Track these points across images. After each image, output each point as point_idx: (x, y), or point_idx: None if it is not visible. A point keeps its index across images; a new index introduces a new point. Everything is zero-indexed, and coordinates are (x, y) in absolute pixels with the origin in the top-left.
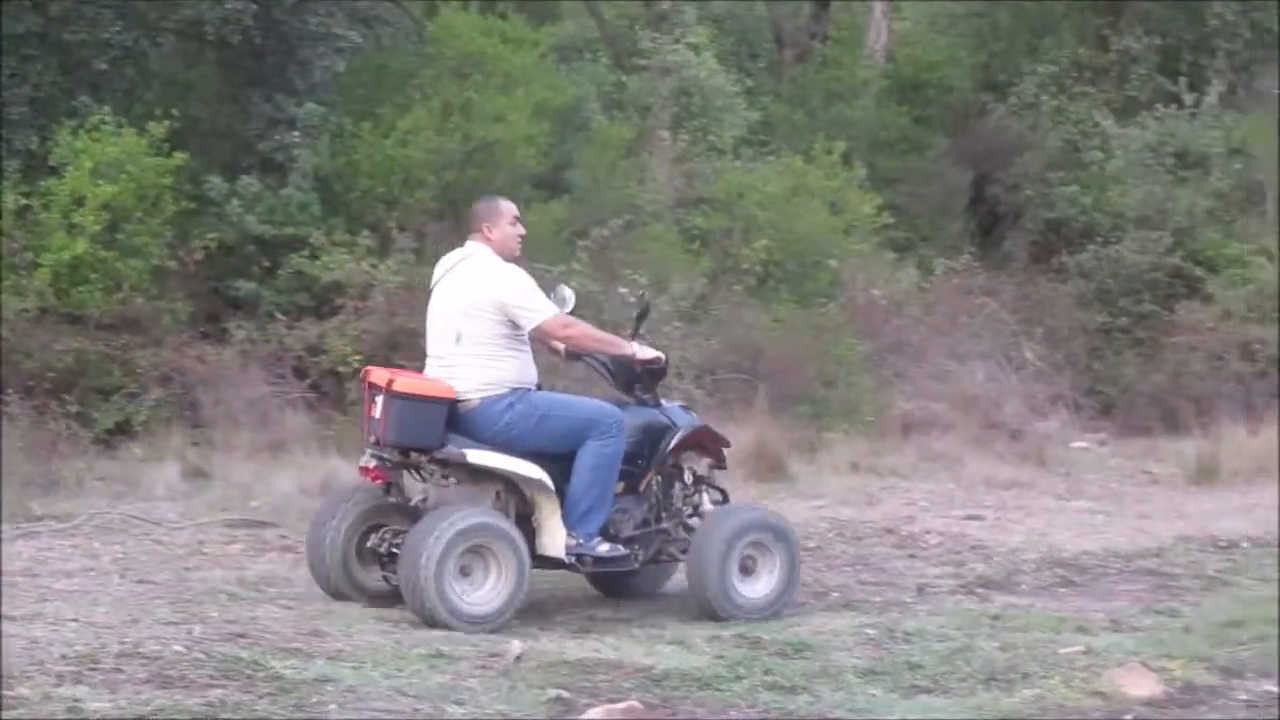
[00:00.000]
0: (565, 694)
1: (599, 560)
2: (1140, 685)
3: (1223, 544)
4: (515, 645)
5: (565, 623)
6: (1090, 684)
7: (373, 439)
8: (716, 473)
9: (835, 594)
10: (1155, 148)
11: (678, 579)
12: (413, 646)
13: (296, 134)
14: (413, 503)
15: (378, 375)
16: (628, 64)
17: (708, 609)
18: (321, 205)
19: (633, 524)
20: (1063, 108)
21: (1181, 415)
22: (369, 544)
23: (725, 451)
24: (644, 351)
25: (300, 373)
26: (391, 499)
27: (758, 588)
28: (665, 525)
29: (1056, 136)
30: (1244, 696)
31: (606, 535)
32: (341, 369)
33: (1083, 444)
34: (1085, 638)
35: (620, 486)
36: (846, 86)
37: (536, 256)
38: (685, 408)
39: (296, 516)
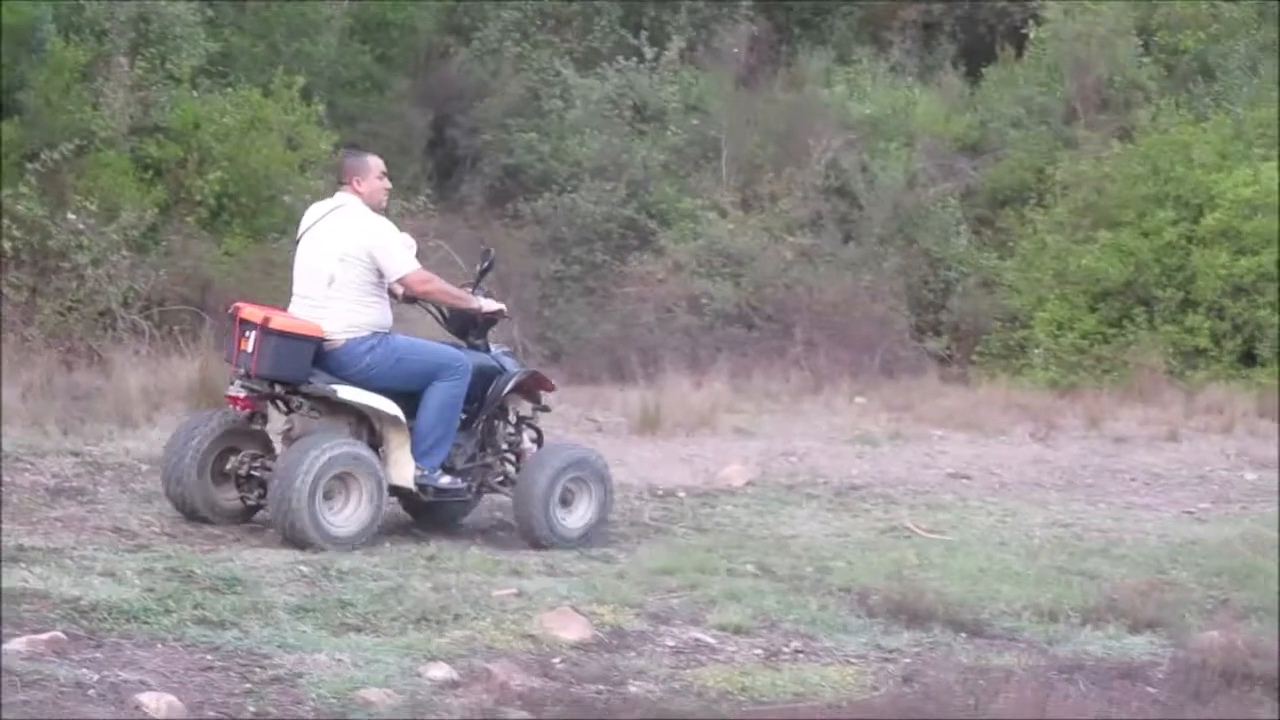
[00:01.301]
0: None
1: (440, 491)
2: (570, 629)
3: (660, 493)
4: None
5: None
6: (521, 626)
7: (242, 371)
8: (537, 414)
9: (273, 530)
10: (614, 99)
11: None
12: None
13: None
14: (279, 432)
15: (250, 312)
16: None
17: (531, 537)
18: None
19: (464, 458)
20: (525, 55)
21: (628, 365)
22: (227, 466)
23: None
24: (488, 304)
25: None
26: (255, 426)
27: (575, 517)
28: (489, 460)
29: (518, 83)
30: (671, 643)
31: (445, 469)
32: None
33: None
34: (519, 581)
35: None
36: (309, 22)
37: None
38: (509, 353)
39: None
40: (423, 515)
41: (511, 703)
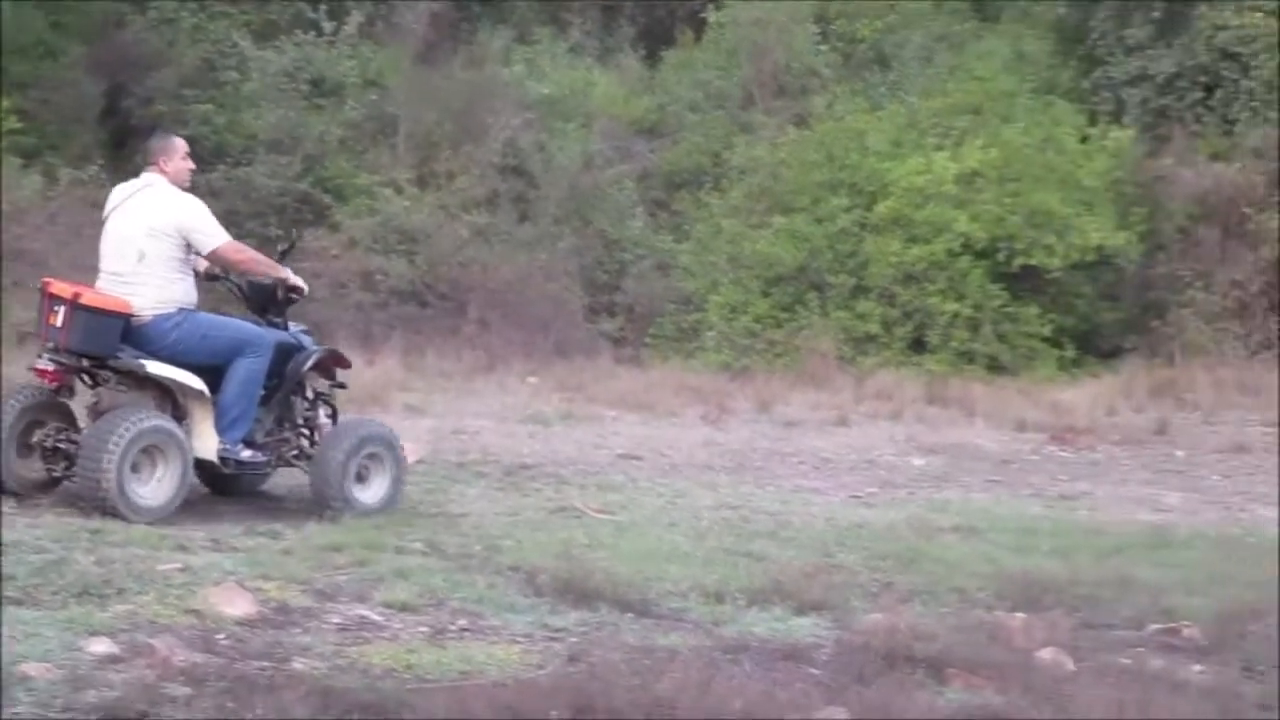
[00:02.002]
0: None
1: (240, 464)
2: (235, 605)
3: None
4: None
5: None
6: (185, 602)
7: (51, 345)
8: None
9: (81, 501)
10: (292, 73)
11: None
12: None
13: None
14: (86, 405)
15: (60, 288)
16: None
17: (327, 510)
18: None
19: (264, 432)
20: (202, 25)
21: None
22: (33, 438)
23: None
24: (295, 278)
25: None
26: (61, 399)
27: (370, 491)
28: (287, 435)
29: (194, 54)
30: (337, 620)
31: (246, 442)
32: None
33: None
34: (184, 556)
35: None
36: None
37: None
38: (307, 331)
39: None
40: (219, 487)
41: (174, 678)
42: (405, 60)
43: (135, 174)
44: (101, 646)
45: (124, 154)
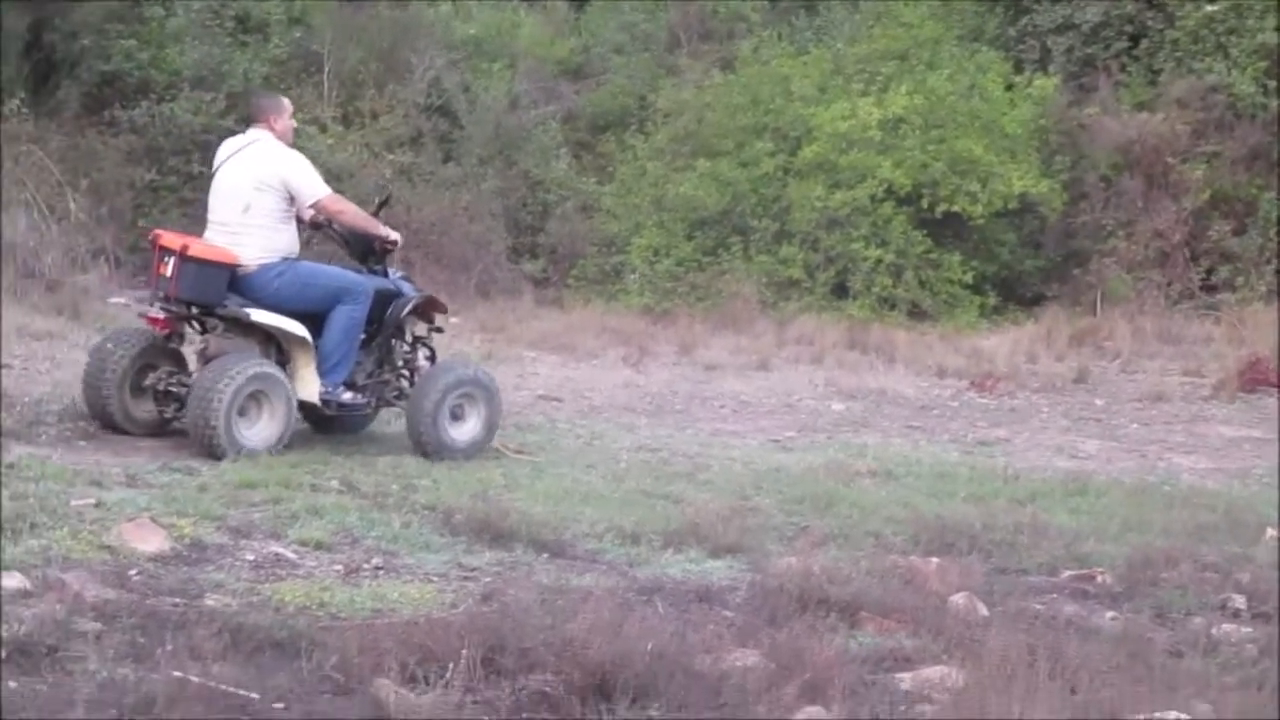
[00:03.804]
0: None
1: (342, 406)
2: (149, 541)
3: None
4: None
5: None
6: (99, 537)
7: (162, 294)
8: (432, 334)
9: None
10: (216, 10)
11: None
12: None
13: None
14: (195, 350)
15: (170, 239)
16: None
17: (423, 448)
18: None
19: (364, 375)
20: None
21: None
22: (145, 381)
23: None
24: (391, 233)
25: None
26: (172, 345)
27: (464, 430)
28: (387, 377)
29: None
30: (250, 557)
31: (347, 385)
32: None
33: (121, 299)
34: (99, 491)
35: None
36: None
37: None
38: (406, 277)
39: None
40: (324, 427)
41: (85, 614)
42: None
43: (57, 110)
44: (13, 581)
45: (46, 89)
